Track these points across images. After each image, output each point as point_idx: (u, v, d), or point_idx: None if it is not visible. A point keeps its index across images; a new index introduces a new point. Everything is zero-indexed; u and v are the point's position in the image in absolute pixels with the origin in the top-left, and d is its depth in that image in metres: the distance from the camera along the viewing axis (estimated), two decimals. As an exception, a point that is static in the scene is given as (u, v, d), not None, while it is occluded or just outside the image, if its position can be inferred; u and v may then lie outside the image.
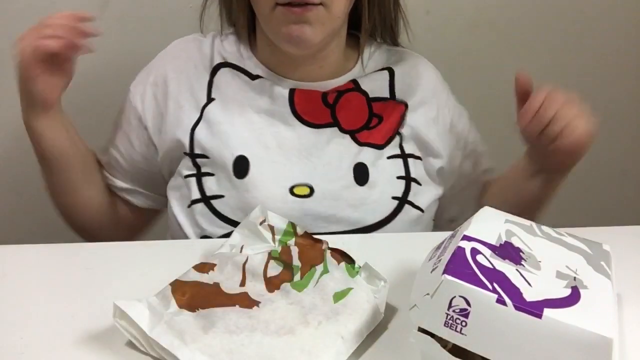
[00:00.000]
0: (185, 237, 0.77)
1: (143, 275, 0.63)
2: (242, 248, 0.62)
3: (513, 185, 0.85)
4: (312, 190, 0.76)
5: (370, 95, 0.82)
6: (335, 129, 0.80)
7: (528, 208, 0.80)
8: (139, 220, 0.91)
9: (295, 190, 0.76)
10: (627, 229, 0.74)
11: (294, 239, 0.63)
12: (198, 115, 0.79)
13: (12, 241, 0.70)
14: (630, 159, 1.35)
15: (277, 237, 0.64)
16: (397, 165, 0.80)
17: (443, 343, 0.45)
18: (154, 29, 1.14)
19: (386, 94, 0.83)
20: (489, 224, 0.52)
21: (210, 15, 0.87)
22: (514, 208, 0.62)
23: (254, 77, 0.81)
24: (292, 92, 0.80)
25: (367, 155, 0.78)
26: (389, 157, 0.79)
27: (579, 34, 1.23)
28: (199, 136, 0.78)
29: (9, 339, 0.53)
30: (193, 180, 0.77)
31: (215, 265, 0.58)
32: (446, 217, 0.90)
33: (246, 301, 0.54)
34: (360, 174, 0.77)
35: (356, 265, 0.59)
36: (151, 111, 0.82)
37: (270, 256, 0.60)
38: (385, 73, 0.84)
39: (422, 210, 0.79)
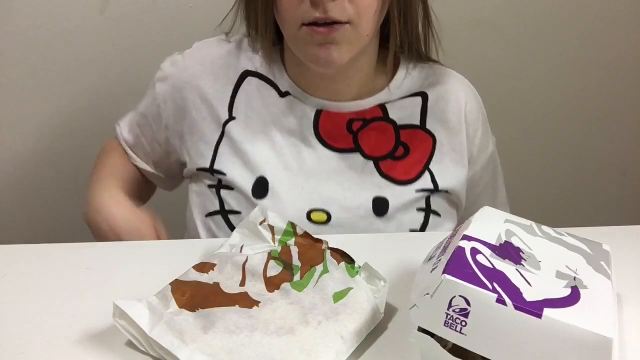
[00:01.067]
0: None
1: (143, 275, 0.63)
2: (242, 248, 0.62)
3: None
4: (329, 217, 0.75)
5: (399, 123, 0.79)
6: (358, 154, 0.78)
7: None
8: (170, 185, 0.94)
9: (313, 216, 0.75)
10: (627, 229, 0.74)
11: (293, 239, 0.63)
12: (220, 131, 0.78)
13: (12, 241, 0.70)
14: (630, 159, 1.35)
15: (277, 237, 0.64)
16: (421, 199, 0.78)
17: (443, 343, 0.45)
18: (154, 30, 1.14)
19: (416, 122, 0.79)
20: (489, 224, 0.52)
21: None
22: None
23: (283, 94, 0.79)
24: (318, 113, 0.78)
25: (389, 190, 0.76)
26: (417, 191, 0.77)
27: (579, 34, 1.23)
28: (222, 154, 0.77)
29: (9, 339, 0.53)
30: (214, 191, 0.77)
31: (215, 265, 0.59)
32: None
33: (246, 301, 0.54)
34: (380, 206, 0.76)
35: (356, 265, 0.59)
36: (173, 116, 0.81)
37: (270, 256, 0.60)
38: (418, 99, 0.80)
39: None
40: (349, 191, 0.76)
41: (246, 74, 0.80)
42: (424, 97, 0.80)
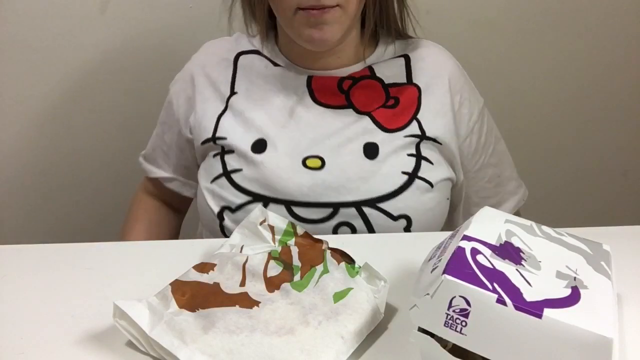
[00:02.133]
0: (211, 210, 0.81)
1: (143, 275, 0.63)
2: (242, 248, 0.62)
3: None
4: (323, 162, 0.79)
5: (386, 82, 0.85)
6: (351, 110, 0.83)
7: None
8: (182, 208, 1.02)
9: (308, 163, 0.79)
10: (627, 229, 0.74)
11: (293, 239, 0.64)
12: (223, 106, 0.85)
13: (12, 241, 0.71)
14: (630, 159, 1.35)
15: (277, 237, 0.64)
16: (410, 145, 0.81)
17: (443, 343, 0.45)
18: (154, 30, 1.14)
19: (403, 80, 0.85)
20: (489, 224, 0.52)
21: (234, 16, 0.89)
22: None
23: (275, 64, 0.87)
24: (309, 78, 0.85)
25: (379, 136, 0.81)
26: (405, 136, 0.81)
27: (579, 34, 1.23)
28: (224, 123, 0.83)
29: (9, 339, 0.53)
30: (218, 157, 0.83)
31: (215, 265, 0.59)
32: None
33: (246, 301, 0.54)
34: (370, 150, 0.80)
35: (356, 266, 0.59)
36: (183, 107, 0.88)
37: (270, 256, 0.60)
38: (401, 60, 0.87)
39: (431, 185, 0.80)
40: (341, 137, 0.81)
41: (240, 53, 0.89)
42: (406, 57, 0.87)
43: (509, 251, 0.48)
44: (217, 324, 0.51)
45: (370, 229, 0.77)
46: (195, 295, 0.54)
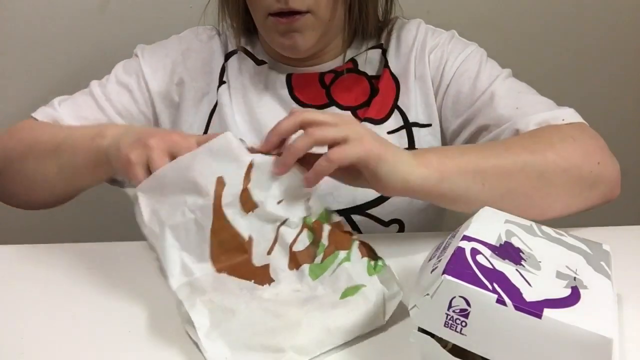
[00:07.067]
0: None
1: (143, 275, 0.63)
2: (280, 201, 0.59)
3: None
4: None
5: (370, 74, 0.82)
6: (334, 107, 0.80)
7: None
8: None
9: None
10: (627, 229, 0.74)
11: (327, 223, 0.61)
12: (216, 99, 0.82)
13: (13, 241, 0.70)
14: (630, 159, 1.35)
15: (311, 216, 0.61)
16: (401, 138, 0.78)
17: (443, 343, 0.45)
18: (154, 30, 1.14)
19: (382, 67, 0.82)
20: (489, 224, 0.52)
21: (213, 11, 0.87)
22: None
23: (259, 63, 0.84)
24: (289, 76, 0.82)
25: None
26: (389, 132, 0.78)
27: (579, 34, 1.23)
28: (214, 121, 0.81)
29: (9, 339, 0.53)
30: None
31: (257, 207, 0.57)
32: None
33: (263, 277, 0.56)
34: None
35: (378, 264, 0.58)
36: (164, 89, 0.83)
37: (305, 224, 0.59)
38: (379, 50, 0.83)
39: None
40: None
41: (231, 53, 0.85)
42: (382, 47, 0.83)
43: (509, 251, 0.48)
44: (226, 285, 0.54)
45: None
46: (230, 251, 0.56)
